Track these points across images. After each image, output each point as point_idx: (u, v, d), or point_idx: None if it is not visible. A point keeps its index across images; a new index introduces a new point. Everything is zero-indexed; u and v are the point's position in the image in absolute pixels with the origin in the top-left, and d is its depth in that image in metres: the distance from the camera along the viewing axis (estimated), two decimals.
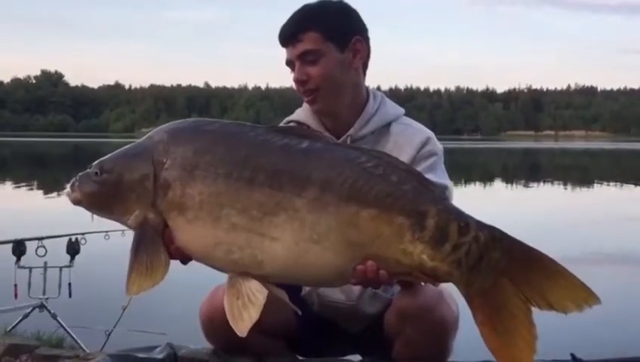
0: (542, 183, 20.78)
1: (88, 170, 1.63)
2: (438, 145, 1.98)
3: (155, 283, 1.52)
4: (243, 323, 1.48)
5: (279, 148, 1.53)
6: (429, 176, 1.71)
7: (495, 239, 1.45)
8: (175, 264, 1.59)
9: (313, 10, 1.92)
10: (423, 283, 1.69)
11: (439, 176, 1.90)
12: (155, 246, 1.54)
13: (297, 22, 1.91)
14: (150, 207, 1.55)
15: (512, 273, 1.44)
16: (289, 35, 1.91)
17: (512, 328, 1.42)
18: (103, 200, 1.61)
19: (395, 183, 1.48)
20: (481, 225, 1.46)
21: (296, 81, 1.92)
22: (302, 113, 2.05)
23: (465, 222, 1.46)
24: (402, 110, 2.06)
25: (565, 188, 18.66)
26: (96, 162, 1.62)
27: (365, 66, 1.99)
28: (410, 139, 1.96)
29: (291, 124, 2.05)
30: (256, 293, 1.50)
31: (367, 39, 1.97)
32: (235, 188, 1.50)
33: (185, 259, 1.58)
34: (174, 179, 1.53)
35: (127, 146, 1.65)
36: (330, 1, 1.95)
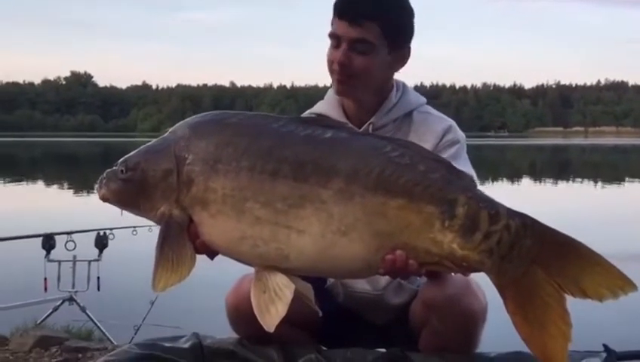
0: (571, 181, 20.49)
1: (114, 168, 1.63)
2: (459, 134, 1.95)
3: (181, 278, 1.51)
4: (270, 317, 1.47)
5: (303, 138, 1.50)
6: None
7: (526, 226, 1.42)
8: (207, 260, 1.58)
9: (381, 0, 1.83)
10: (452, 274, 1.66)
11: (462, 164, 1.85)
12: (181, 242, 1.53)
13: (363, 4, 1.82)
14: (175, 203, 1.54)
15: (545, 261, 1.40)
16: (352, 12, 1.81)
17: (545, 317, 1.39)
18: (129, 197, 1.61)
19: (422, 172, 1.45)
20: (512, 213, 1.43)
21: (338, 62, 1.83)
22: (323, 105, 2.03)
23: (495, 210, 1.43)
24: (424, 99, 2.02)
25: (595, 186, 18.38)
26: (121, 159, 1.62)
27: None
28: (431, 127, 1.93)
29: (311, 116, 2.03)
30: (284, 288, 1.48)
31: None
32: (258, 180, 1.47)
33: (211, 254, 1.57)
34: (197, 174, 1.52)
35: (151, 142, 1.64)
36: None
